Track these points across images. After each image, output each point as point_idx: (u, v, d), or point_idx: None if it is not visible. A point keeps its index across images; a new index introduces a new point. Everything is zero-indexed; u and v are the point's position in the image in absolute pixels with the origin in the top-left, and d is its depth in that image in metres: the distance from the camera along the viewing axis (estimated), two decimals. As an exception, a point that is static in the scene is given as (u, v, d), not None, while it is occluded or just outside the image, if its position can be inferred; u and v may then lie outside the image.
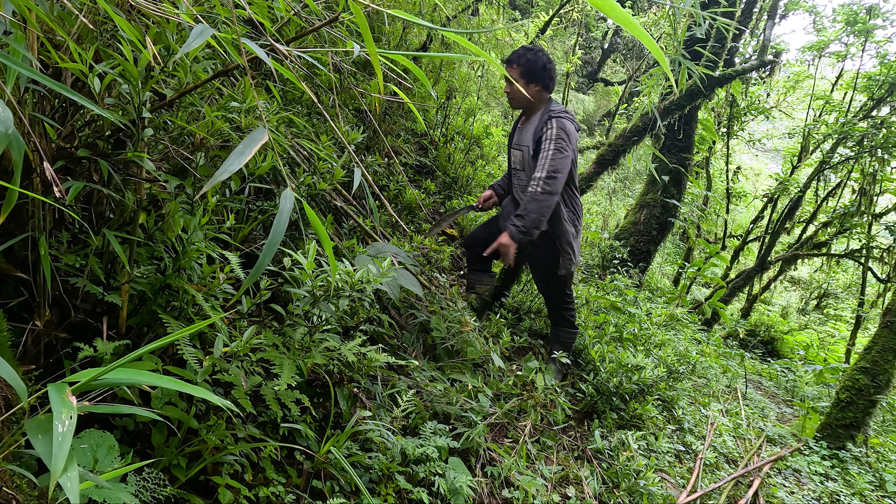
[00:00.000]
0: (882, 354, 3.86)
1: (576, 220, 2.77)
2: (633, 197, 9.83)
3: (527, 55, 2.54)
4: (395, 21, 3.79)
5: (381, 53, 1.16)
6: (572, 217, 2.76)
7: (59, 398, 0.73)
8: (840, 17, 7.68)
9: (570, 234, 2.73)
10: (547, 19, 8.30)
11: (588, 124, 13.54)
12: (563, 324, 3.04)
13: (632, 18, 0.87)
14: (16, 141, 0.87)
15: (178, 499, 1.31)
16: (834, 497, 3.24)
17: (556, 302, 3.01)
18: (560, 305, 3.01)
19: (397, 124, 4.35)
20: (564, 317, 3.03)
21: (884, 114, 7.17)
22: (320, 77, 2.80)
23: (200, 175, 1.49)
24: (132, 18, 1.30)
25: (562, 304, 3.01)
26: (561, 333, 3.05)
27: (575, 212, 2.77)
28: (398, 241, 3.31)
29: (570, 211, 2.75)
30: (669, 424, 3.25)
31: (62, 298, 1.29)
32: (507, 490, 2.00)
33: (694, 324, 5.94)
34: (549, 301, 3.05)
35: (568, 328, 3.05)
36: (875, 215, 7.31)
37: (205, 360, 1.33)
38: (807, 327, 10.34)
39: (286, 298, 1.99)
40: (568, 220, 2.73)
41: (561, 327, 3.05)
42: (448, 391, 2.21)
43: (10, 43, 0.99)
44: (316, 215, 1.01)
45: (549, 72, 2.55)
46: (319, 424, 1.77)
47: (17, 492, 0.92)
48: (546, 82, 2.57)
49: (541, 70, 2.53)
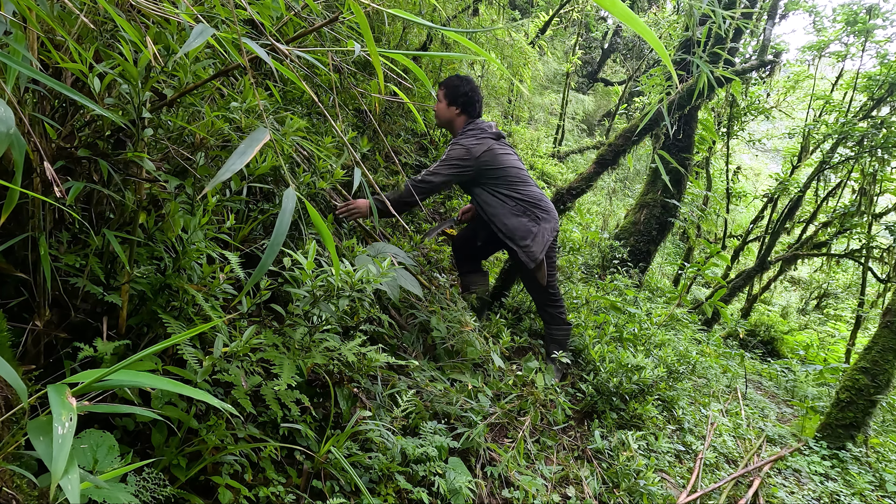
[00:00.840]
0: (882, 354, 3.86)
1: (529, 210, 2.86)
2: (633, 197, 9.83)
3: (453, 81, 2.92)
4: (395, 21, 3.79)
5: (382, 53, 1.16)
6: (523, 209, 2.85)
7: (58, 400, 0.73)
8: (840, 17, 7.68)
9: (524, 227, 2.83)
10: (547, 19, 8.29)
11: (588, 124, 13.54)
12: (554, 322, 3.08)
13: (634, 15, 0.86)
14: (17, 141, 0.87)
15: (178, 499, 1.31)
16: (834, 497, 3.24)
17: (542, 301, 3.06)
18: (547, 303, 3.06)
19: (397, 124, 4.35)
20: (553, 314, 3.07)
21: (884, 114, 7.17)
22: (320, 77, 2.80)
23: (200, 175, 1.49)
24: (132, 18, 1.29)
25: (548, 302, 3.05)
26: (554, 331, 3.09)
27: (525, 202, 2.86)
28: (398, 240, 3.31)
29: (517, 203, 2.85)
30: (669, 424, 3.25)
31: (62, 298, 1.29)
32: (507, 490, 2.00)
33: (694, 324, 5.94)
34: (536, 301, 3.11)
35: (559, 325, 3.08)
36: (875, 215, 7.30)
37: (205, 360, 1.33)
38: (807, 327, 10.34)
39: (286, 298, 1.99)
40: (517, 213, 2.84)
41: (552, 325, 3.09)
42: (448, 391, 2.21)
43: (11, 43, 0.99)
44: (318, 215, 1.01)
45: (468, 98, 2.88)
46: (319, 424, 1.77)
47: (17, 492, 0.92)
48: (466, 107, 2.90)
49: (461, 95, 2.88)
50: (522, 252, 2.83)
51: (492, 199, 2.86)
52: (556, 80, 12.72)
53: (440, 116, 2.98)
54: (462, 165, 2.79)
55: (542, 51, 9.77)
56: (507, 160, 2.87)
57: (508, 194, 2.85)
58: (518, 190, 2.86)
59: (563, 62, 11.73)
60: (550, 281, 3.00)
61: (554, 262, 3.02)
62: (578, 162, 9.95)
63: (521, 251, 2.83)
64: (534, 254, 2.82)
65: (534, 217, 2.86)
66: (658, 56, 6.67)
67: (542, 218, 2.87)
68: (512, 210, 2.84)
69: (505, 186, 2.85)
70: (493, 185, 2.85)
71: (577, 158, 10.00)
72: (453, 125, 2.98)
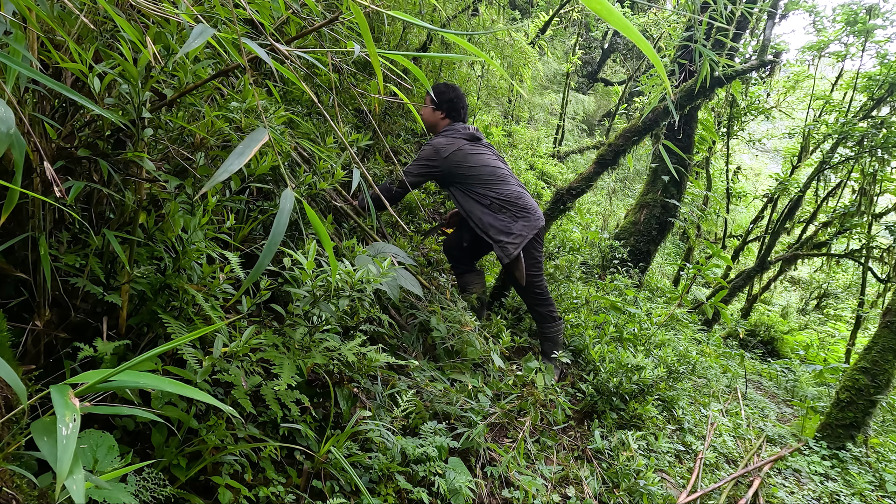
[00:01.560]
0: (882, 354, 3.86)
1: (505, 207, 2.92)
2: (633, 197, 9.84)
3: (440, 87, 3.07)
4: (394, 21, 3.79)
5: (381, 53, 1.16)
6: (499, 206, 2.92)
7: (62, 400, 0.73)
8: (840, 17, 7.67)
9: (500, 223, 2.90)
10: (547, 19, 8.29)
11: (588, 124, 13.54)
12: (544, 320, 3.10)
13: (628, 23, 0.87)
14: (17, 141, 0.87)
15: (178, 499, 1.31)
16: (834, 497, 3.24)
17: (530, 300, 3.10)
18: (535, 302, 3.09)
19: (397, 124, 4.35)
20: (542, 313, 3.10)
21: (884, 114, 7.16)
22: (320, 77, 2.80)
23: (200, 175, 1.49)
24: (132, 18, 1.30)
25: (536, 301, 3.08)
26: (546, 329, 3.11)
27: (501, 200, 2.92)
28: (398, 239, 3.31)
29: (492, 202, 2.91)
30: (669, 424, 3.25)
31: (62, 298, 1.29)
32: (507, 490, 2.00)
33: (694, 324, 5.94)
34: (525, 300, 3.15)
35: (550, 323, 3.11)
36: (875, 215, 7.30)
37: (205, 360, 1.33)
38: (807, 327, 10.33)
39: (286, 298, 1.99)
40: (493, 210, 2.91)
41: (543, 324, 3.11)
42: (448, 391, 2.21)
43: (11, 43, 0.99)
44: (316, 215, 1.01)
45: (452, 104, 3.03)
46: (319, 424, 1.77)
47: (17, 492, 0.92)
48: (449, 112, 3.05)
49: (445, 101, 3.03)
50: (497, 247, 2.91)
51: (465, 198, 2.95)
52: (556, 80, 12.73)
53: (425, 120, 3.12)
54: (430, 165, 2.91)
55: (542, 51, 9.77)
56: (481, 160, 2.95)
57: (483, 193, 2.93)
58: (494, 188, 2.93)
59: (563, 62, 11.72)
60: (536, 280, 3.03)
61: (538, 261, 3.04)
62: (578, 162, 9.95)
63: (497, 246, 2.91)
64: (508, 250, 2.88)
65: (511, 214, 2.92)
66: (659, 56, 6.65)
67: (521, 216, 2.93)
68: (488, 207, 2.91)
69: (479, 186, 2.93)
70: (467, 183, 2.93)
71: (577, 158, 10.00)
72: (436, 128, 3.10)
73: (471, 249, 3.23)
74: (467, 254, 3.24)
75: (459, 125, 3.03)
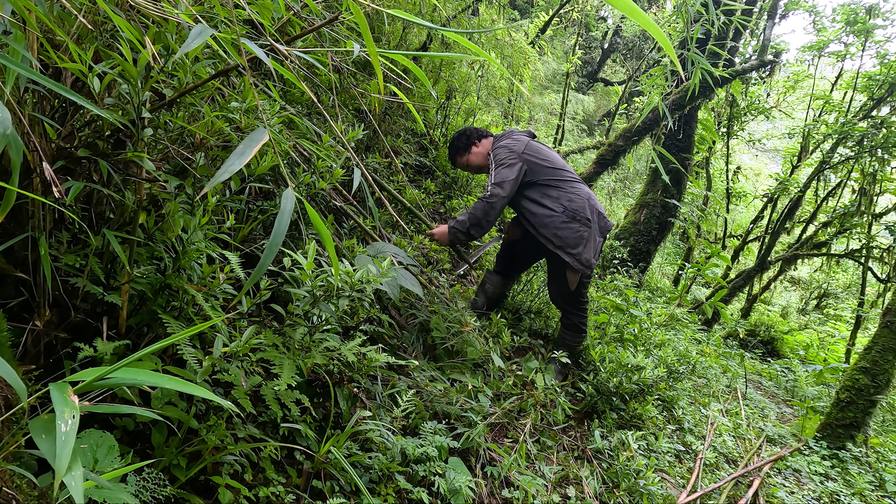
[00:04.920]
0: (882, 354, 3.86)
1: (579, 214, 2.78)
2: (633, 197, 9.84)
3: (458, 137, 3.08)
4: (394, 21, 3.79)
5: (381, 53, 1.16)
6: (572, 214, 2.76)
7: (61, 398, 0.73)
8: (840, 16, 7.67)
9: (575, 234, 2.76)
10: (547, 19, 8.29)
11: (588, 124, 13.54)
12: (573, 329, 3.05)
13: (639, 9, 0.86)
14: (14, 141, 0.87)
15: (178, 499, 1.31)
16: (834, 497, 3.24)
17: (568, 306, 3.02)
18: (572, 309, 3.02)
19: (397, 124, 4.35)
20: (575, 322, 3.04)
21: (884, 114, 7.16)
22: (320, 77, 2.80)
23: (200, 175, 1.48)
24: (132, 18, 1.30)
25: (574, 308, 3.01)
26: (569, 338, 3.06)
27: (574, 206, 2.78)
28: (398, 239, 3.31)
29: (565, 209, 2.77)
30: (669, 424, 3.25)
31: (62, 298, 1.29)
32: (507, 490, 2.00)
33: (694, 324, 5.94)
34: (563, 306, 3.06)
35: (576, 333, 3.05)
36: (875, 215, 7.30)
37: (205, 360, 1.33)
38: (807, 327, 10.33)
39: (286, 298, 1.99)
40: (566, 220, 2.75)
41: (569, 331, 3.06)
42: (448, 391, 2.21)
43: (10, 43, 0.99)
44: (317, 215, 1.01)
45: (467, 136, 3.06)
46: (319, 424, 1.77)
47: (17, 492, 0.92)
48: (474, 139, 3.05)
49: (468, 136, 3.06)
50: (574, 260, 2.76)
51: (539, 209, 2.80)
52: (556, 80, 12.72)
53: (474, 164, 3.05)
54: (511, 162, 2.76)
55: (542, 51, 9.77)
56: (550, 153, 2.89)
57: (557, 197, 2.79)
58: (565, 189, 2.80)
59: (563, 62, 11.72)
60: (582, 289, 2.95)
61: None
62: (578, 162, 9.95)
63: (573, 259, 2.76)
64: (587, 259, 2.77)
65: (584, 221, 2.79)
66: (658, 56, 6.67)
67: (593, 220, 2.81)
68: (560, 219, 2.77)
69: (553, 188, 2.80)
70: (541, 187, 2.80)
71: (577, 158, 10.00)
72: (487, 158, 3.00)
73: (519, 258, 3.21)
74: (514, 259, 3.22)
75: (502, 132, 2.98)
